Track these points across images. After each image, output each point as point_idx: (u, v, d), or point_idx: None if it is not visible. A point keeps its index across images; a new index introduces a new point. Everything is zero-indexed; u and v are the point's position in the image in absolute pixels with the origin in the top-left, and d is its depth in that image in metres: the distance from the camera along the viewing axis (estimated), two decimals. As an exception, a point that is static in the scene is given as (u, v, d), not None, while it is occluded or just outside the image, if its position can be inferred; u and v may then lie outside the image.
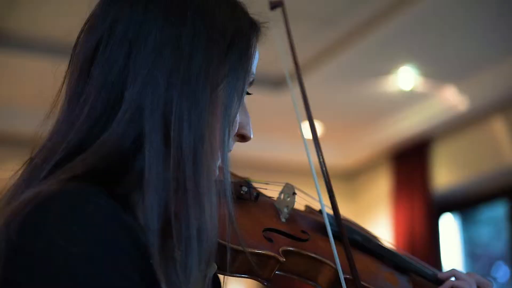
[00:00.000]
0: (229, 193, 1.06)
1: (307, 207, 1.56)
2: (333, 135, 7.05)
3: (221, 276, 1.25)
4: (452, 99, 5.99)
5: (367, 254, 1.50)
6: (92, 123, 1.03)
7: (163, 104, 1.02)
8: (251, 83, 1.17)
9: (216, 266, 1.16)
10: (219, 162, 1.08)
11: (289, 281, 1.37)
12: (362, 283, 1.35)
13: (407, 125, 6.56)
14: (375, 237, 1.60)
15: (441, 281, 1.53)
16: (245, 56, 1.12)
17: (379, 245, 1.55)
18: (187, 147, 1.01)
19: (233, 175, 1.39)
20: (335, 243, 1.36)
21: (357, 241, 1.50)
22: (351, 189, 7.79)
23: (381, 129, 6.85)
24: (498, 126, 5.93)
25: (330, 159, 7.58)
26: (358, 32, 5.06)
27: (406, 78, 5.69)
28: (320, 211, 1.44)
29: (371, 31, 4.99)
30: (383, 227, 7.08)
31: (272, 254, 1.27)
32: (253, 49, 1.15)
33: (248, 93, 1.16)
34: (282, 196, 1.46)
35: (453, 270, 1.52)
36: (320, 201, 1.43)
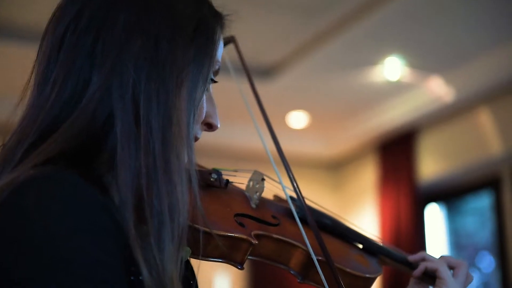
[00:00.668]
0: (194, 178, 1.10)
1: (276, 196, 1.59)
2: (319, 125, 7.07)
3: (195, 268, 1.28)
4: (438, 90, 6.01)
5: (336, 238, 1.54)
6: (61, 105, 1.07)
7: (132, 86, 1.06)
8: (217, 71, 1.21)
9: (190, 250, 1.18)
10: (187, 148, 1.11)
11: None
12: (335, 263, 1.38)
13: (393, 115, 6.58)
14: (344, 223, 1.63)
15: (410, 263, 1.57)
16: (210, 42, 1.16)
17: (348, 228, 1.58)
18: (156, 127, 1.05)
19: (200, 166, 1.41)
20: (305, 228, 1.39)
21: (327, 224, 1.54)
22: (337, 179, 7.81)
23: (367, 120, 6.87)
24: (483, 117, 5.96)
25: (316, 149, 7.61)
26: (344, 22, 5.06)
27: (392, 68, 5.70)
28: (290, 198, 1.47)
29: (357, 21, 4.99)
30: (369, 217, 7.11)
31: (245, 237, 1.29)
32: (217, 35, 1.18)
33: (214, 81, 1.21)
34: (251, 184, 1.49)
35: (422, 252, 1.56)
36: (280, 182, 1.46)
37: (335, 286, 1.33)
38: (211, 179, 1.39)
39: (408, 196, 6.62)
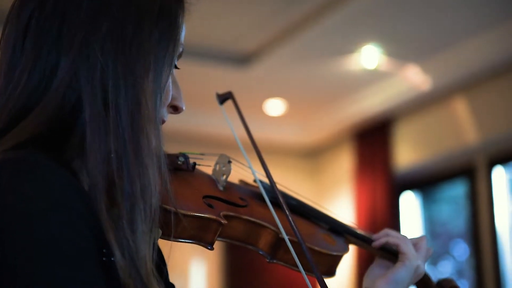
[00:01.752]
0: (163, 160, 1.12)
1: (241, 181, 1.62)
2: (296, 113, 7.07)
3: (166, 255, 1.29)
4: (415, 78, 6.03)
5: (303, 218, 1.58)
6: (30, 92, 1.08)
7: (99, 70, 1.07)
8: (180, 54, 1.23)
9: (161, 231, 1.19)
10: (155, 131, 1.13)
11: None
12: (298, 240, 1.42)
13: (370, 103, 6.60)
14: (310, 205, 1.66)
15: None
16: (174, 25, 1.18)
17: (315, 209, 1.62)
18: (125, 110, 1.07)
19: (166, 152, 1.42)
20: (276, 209, 1.42)
21: (293, 205, 1.56)
22: (314, 166, 7.83)
23: (344, 108, 6.88)
24: (459, 106, 5.99)
25: (293, 137, 7.62)
26: (322, 10, 5.06)
27: (370, 57, 5.71)
28: (256, 181, 1.50)
29: (335, 9, 4.99)
30: (345, 205, 7.14)
31: (214, 217, 1.31)
32: (180, 19, 1.20)
33: (176, 67, 1.23)
34: (217, 167, 1.51)
35: (385, 229, 1.61)
36: (248, 163, 1.48)
37: (304, 264, 1.36)
38: (179, 162, 1.41)
39: (383, 184, 6.65)
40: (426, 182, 6.72)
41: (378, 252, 1.63)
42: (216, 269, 7.27)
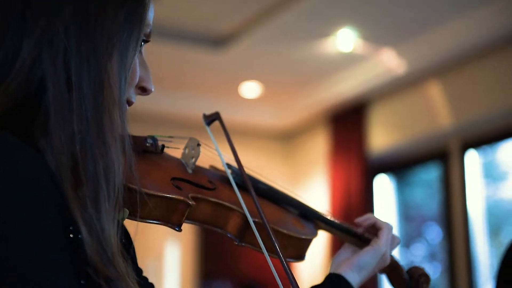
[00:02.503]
0: (127, 140, 1.12)
1: (211, 166, 1.62)
2: (271, 95, 7.07)
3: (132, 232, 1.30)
4: (390, 62, 6.05)
5: (273, 203, 1.59)
6: None
7: (63, 51, 1.07)
8: (148, 35, 1.23)
9: (128, 211, 1.20)
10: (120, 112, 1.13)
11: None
12: (270, 225, 1.43)
13: (345, 87, 6.61)
14: (280, 190, 1.67)
15: (344, 228, 1.64)
16: (141, 6, 1.17)
17: (284, 194, 1.63)
18: (88, 91, 1.07)
19: (135, 135, 1.42)
20: (241, 193, 1.44)
21: (263, 190, 1.58)
22: (289, 149, 7.85)
23: (319, 91, 6.89)
24: (434, 90, 6.02)
25: (268, 120, 7.62)
26: (298, -7, 5.05)
27: (345, 40, 5.72)
28: (228, 166, 1.51)
29: (311, -8, 4.99)
30: (319, 188, 7.16)
31: (182, 198, 1.31)
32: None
33: (145, 40, 1.22)
34: (187, 150, 1.51)
35: (369, 214, 1.64)
36: (216, 148, 1.49)
37: (271, 247, 1.37)
38: (147, 144, 1.41)
39: (358, 167, 6.68)
40: (400, 166, 6.76)
41: (349, 238, 1.64)
42: (190, 251, 7.27)
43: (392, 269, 1.65)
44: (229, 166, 1.51)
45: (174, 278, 7.15)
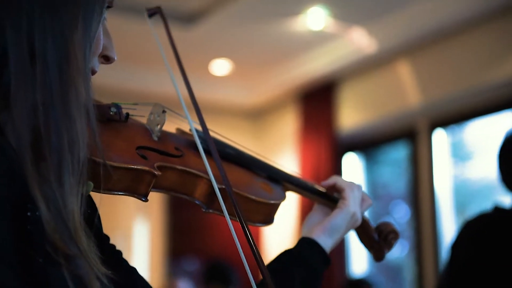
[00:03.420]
0: (92, 111, 1.10)
1: (178, 129, 1.60)
2: (242, 73, 7.05)
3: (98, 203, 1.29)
4: (360, 41, 6.06)
5: (241, 167, 1.59)
6: None
7: (26, 22, 1.05)
8: (111, 1, 1.21)
9: (92, 184, 1.18)
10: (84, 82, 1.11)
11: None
12: (236, 190, 1.44)
13: (315, 65, 6.61)
14: (253, 154, 1.68)
15: (312, 188, 1.66)
16: None
17: (252, 157, 1.63)
18: (53, 62, 1.05)
19: (99, 102, 1.39)
20: (208, 159, 1.41)
21: (230, 154, 1.57)
22: (259, 127, 7.85)
23: (289, 69, 6.89)
24: (403, 69, 6.05)
25: (238, 98, 7.60)
26: (269, -30, 5.03)
27: (316, 18, 5.71)
28: (191, 130, 1.49)
29: (282, -30, 4.97)
30: (289, 166, 7.15)
31: (147, 168, 1.29)
32: None
33: (108, 6, 1.21)
34: (152, 117, 1.49)
35: (334, 176, 1.66)
36: (186, 113, 1.47)
37: (238, 214, 1.36)
38: (111, 112, 1.37)
39: (327, 145, 6.70)
40: (368, 144, 6.80)
41: (318, 198, 1.66)
42: (159, 229, 7.27)
43: (361, 226, 1.67)
44: (196, 131, 1.48)
45: (143, 256, 7.15)
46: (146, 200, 1.33)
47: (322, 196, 1.66)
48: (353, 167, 6.89)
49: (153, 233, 7.24)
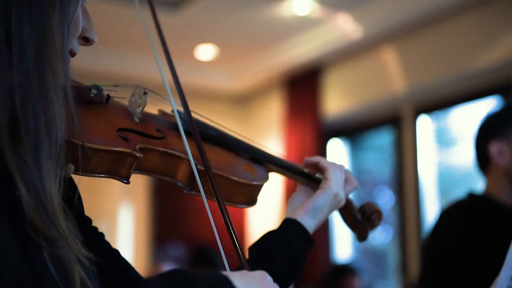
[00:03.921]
0: (70, 93, 1.10)
1: (160, 111, 1.59)
2: (227, 58, 7.04)
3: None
4: (345, 27, 6.05)
5: (223, 148, 1.58)
6: None
7: (2, 4, 1.04)
8: None
9: (73, 167, 1.17)
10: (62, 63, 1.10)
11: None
12: (218, 172, 1.44)
13: (300, 51, 6.61)
14: (236, 135, 1.67)
15: (294, 168, 1.66)
16: None
17: (234, 139, 1.63)
18: (29, 44, 1.04)
19: (79, 83, 1.38)
20: (190, 140, 1.41)
21: (212, 135, 1.57)
22: (244, 113, 7.84)
23: (275, 54, 6.88)
24: (388, 55, 6.06)
25: (224, 83, 7.59)
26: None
27: (301, 4, 5.70)
28: (173, 112, 1.48)
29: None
30: (274, 151, 7.17)
31: (129, 150, 1.28)
32: None
33: None
34: (133, 98, 1.47)
35: (317, 156, 1.66)
36: (168, 94, 1.46)
37: (220, 195, 1.36)
38: (91, 94, 1.35)
39: (312, 131, 6.71)
40: (353, 130, 6.81)
41: (301, 179, 1.66)
42: (144, 213, 7.26)
43: (345, 207, 1.66)
44: (178, 112, 1.47)
45: (128, 240, 7.15)
46: (128, 182, 1.32)
47: (305, 176, 1.65)
48: (337, 153, 6.90)
49: (138, 218, 7.23)
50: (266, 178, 1.58)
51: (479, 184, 2.88)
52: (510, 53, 5.04)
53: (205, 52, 6.83)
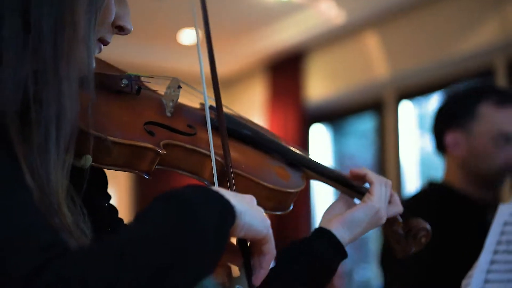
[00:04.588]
0: (92, 82, 1.07)
1: (202, 104, 1.54)
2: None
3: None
4: (329, 12, 6.04)
5: (257, 150, 1.50)
6: None
7: None
8: None
9: (91, 158, 1.13)
10: (87, 52, 1.07)
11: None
12: (245, 174, 1.37)
13: (283, 36, 6.59)
14: (272, 135, 1.60)
15: (335, 176, 1.55)
16: None
17: (272, 140, 1.55)
18: (47, 29, 1.00)
19: (118, 70, 1.35)
20: (228, 139, 1.35)
21: (247, 135, 1.50)
22: (226, 97, 7.81)
23: (257, 39, 6.86)
24: (371, 40, 6.06)
25: (206, 67, 7.56)
26: None
27: (284, -12, 5.69)
28: (210, 107, 1.43)
29: None
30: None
31: (151, 146, 1.23)
32: None
33: None
34: (168, 91, 1.43)
35: (365, 168, 1.55)
36: (204, 90, 1.44)
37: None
38: (122, 84, 1.31)
39: (295, 116, 6.71)
40: (336, 115, 6.81)
41: (343, 189, 1.56)
42: (126, 200, 7.25)
43: (387, 221, 1.55)
44: (213, 108, 1.41)
45: (110, 225, 7.13)
46: (150, 177, 1.27)
47: (348, 187, 1.55)
48: (320, 138, 6.91)
49: (119, 205, 7.20)
50: (300, 185, 1.48)
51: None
52: (493, 39, 5.06)
53: (188, 36, 6.81)
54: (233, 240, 1.12)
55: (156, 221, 0.94)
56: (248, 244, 1.12)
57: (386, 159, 6.03)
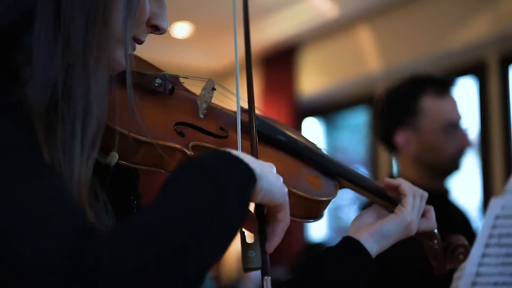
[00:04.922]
0: (129, 81, 1.05)
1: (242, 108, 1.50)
2: (202, 36, 7.01)
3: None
4: (322, 5, 6.04)
5: (290, 156, 1.47)
6: None
7: None
8: None
9: (117, 156, 1.12)
10: (121, 49, 1.06)
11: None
12: None
13: (276, 29, 6.59)
14: (309, 142, 1.56)
15: (372, 188, 1.52)
16: None
17: (306, 147, 1.52)
18: (79, 25, 0.99)
19: (153, 68, 1.34)
20: (260, 144, 1.33)
21: (280, 141, 1.48)
22: (220, 91, 7.81)
23: (251, 32, 6.84)
24: (364, 35, 6.06)
25: (199, 61, 7.56)
26: None
27: (277, -18, 5.68)
28: (244, 110, 1.40)
29: None
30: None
31: (179, 146, 1.21)
32: None
33: None
34: (203, 92, 1.42)
35: (400, 178, 1.50)
36: (237, 93, 1.42)
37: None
38: (155, 84, 1.29)
39: (288, 110, 6.72)
40: (329, 109, 6.82)
41: (376, 199, 1.52)
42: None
43: (424, 236, 1.52)
44: (246, 111, 1.38)
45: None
46: None
47: (382, 197, 1.51)
48: (313, 132, 6.92)
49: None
50: (332, 194, 1.43)
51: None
52: (485, 33, 5.07)
53: (181, 29, 6.80)
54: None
55: (184, 194, 0.93)
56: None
57: (378, 152, 6.04)
